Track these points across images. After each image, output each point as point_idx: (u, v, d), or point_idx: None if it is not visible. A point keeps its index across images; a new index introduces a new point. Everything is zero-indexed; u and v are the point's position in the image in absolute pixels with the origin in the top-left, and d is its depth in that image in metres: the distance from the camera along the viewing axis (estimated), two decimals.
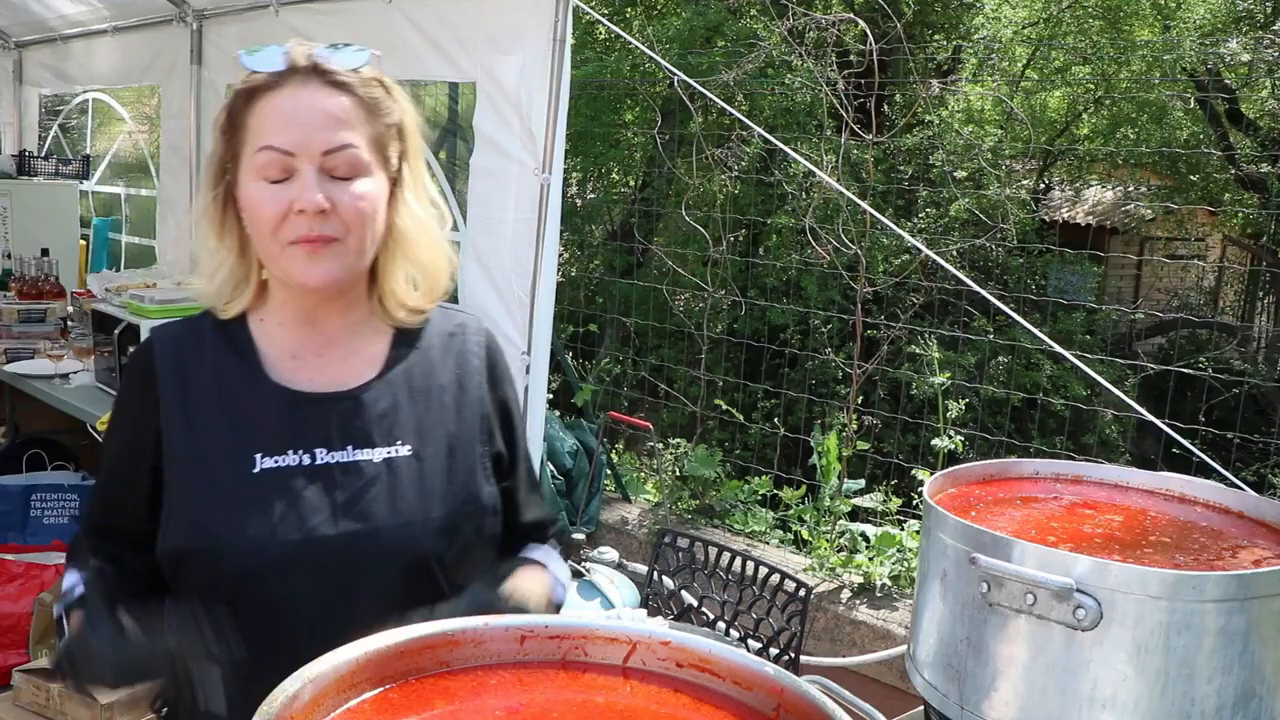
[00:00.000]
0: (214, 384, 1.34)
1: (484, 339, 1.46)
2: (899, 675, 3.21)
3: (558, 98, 3.28)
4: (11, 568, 3.52)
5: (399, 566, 1.31)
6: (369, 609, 1.26)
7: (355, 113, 1.29)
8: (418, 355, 1.40)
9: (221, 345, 1.36)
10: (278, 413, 1.33)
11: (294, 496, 1.29)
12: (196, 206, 1.39)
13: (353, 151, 1.27)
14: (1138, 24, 10.39)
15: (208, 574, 1.30)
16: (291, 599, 1.30)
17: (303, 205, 1.25)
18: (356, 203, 1.28)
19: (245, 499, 1.29)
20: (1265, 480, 6.17)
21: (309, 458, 1.31)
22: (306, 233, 1.26)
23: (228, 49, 4.77)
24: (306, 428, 1.32)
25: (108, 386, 3.83)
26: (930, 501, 1.35)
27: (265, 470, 1.30)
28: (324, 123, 1.27)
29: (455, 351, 1.42)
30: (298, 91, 1.27)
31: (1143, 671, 1.13)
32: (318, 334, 1.37)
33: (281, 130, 1.26)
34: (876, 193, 6.89)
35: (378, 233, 1.33)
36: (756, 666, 0.93)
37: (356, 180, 1.28)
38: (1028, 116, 9.91)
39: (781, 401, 6.09)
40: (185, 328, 1.41)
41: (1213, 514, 1.44)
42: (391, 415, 1.35)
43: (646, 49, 4.75)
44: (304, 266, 1.28)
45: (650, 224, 8.86)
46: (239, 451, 1.30)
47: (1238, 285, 12.01)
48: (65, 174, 5.57)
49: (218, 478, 1.30)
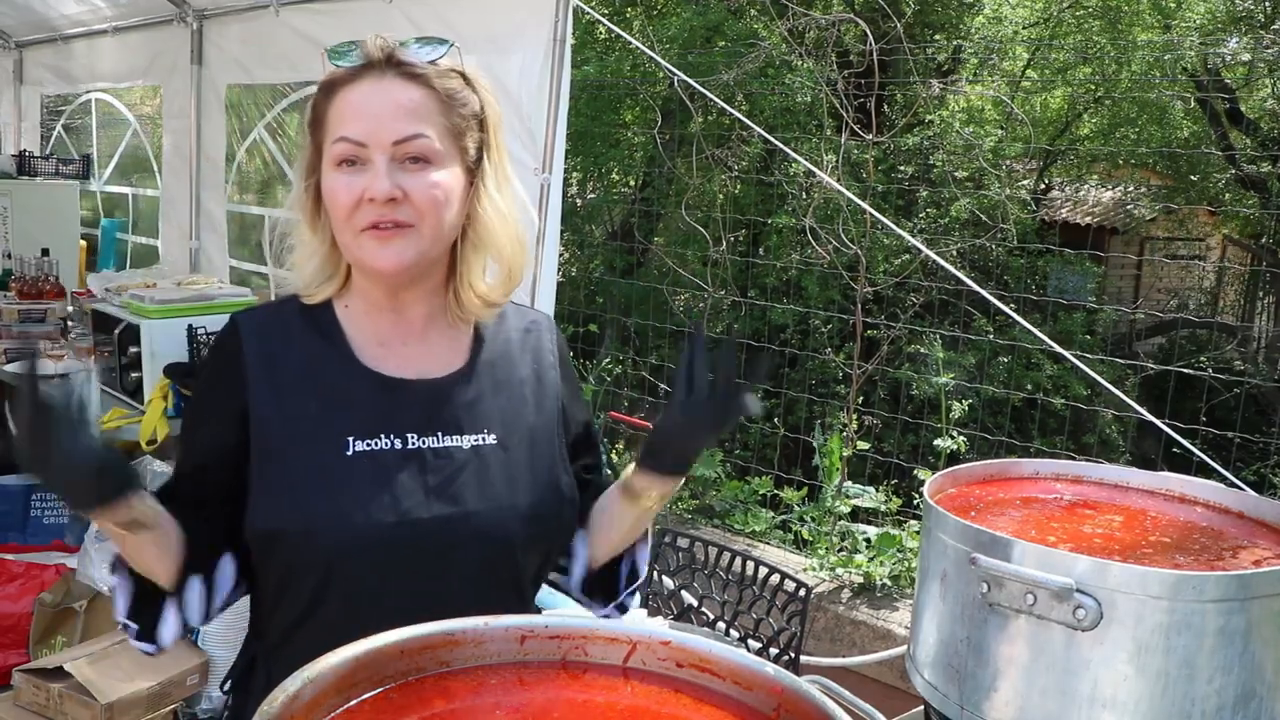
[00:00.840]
0: (303, 366, 1.37)
1: (555, 335, 1.52)
2: (899, 675, 3.21)
3: (558, 98, 3.28)
4: (12, 568, 3.52)
5: (488, 550, 1.35)
6: (458, 591, 1.31)
7: (428, 103, 1.31)
8: (499, 349, 1.44)
9: (308, 329, 1.39)
10: (369, 396, 1.36)
11: (387, 479, 1.32)
12: (290, 197, 1.43)
13: (424, 141, 1.30)
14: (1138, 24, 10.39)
15: (300, 554, 1.32)
16: (382, 581, 1.32)
17: (373, 194, 1.28)
18: (429, 190, 1.30)
19: (339, 480, 1.31)
20: (1266, 480, 6.17)
21: (400, 441, 1.34)
22: (377, 219, 1.29)
23: (228, 49, 4.77)
24: (397, 412, 1.35)
25: (108, 386, 3.83)
26: (930, 501, 1.35)
27: (359, 453, 1.32)
28: (395, 113, 1.30)
29: (532, 347, 1.47)
30: (373, 84, 1.31)
31: (1143, 672, 1.13)
32: (402, 323, 1.40)
33: (354, 121, 1.30)
34: (877, 193, 6.89)
35: (452, 222, 1.35)
36: (757, 666, 0.93)
37: (430, 169, 1.31)
38: (1028, 116, 9.92)
39: (782, 401, 6.09)
40: (270, 311, 1.44)
41: (1213, 514, 1.44)
42: (478, 405, 1.39)
43: (647, 49, 4.75)
44: (375, 251, 1.31)
45: (650, 224, 8.86)
46: (331, 433, 1.33)
47: (1238, 285, 12.01)
48: (65, 174, 5.57)
49: (311, 459, 1.32)
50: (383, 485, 1.32)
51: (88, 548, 3.44)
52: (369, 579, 1.32)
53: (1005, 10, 10.49)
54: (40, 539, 3.95)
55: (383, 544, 1.31)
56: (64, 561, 3.59)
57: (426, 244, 1.32)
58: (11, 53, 6.29)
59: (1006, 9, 10.50)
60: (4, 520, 3.98)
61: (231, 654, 3.07)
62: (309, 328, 1.39)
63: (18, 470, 1.53)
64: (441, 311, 1.42)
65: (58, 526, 4.02)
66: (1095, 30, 10.30)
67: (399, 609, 1.24)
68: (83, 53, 5.75)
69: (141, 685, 2.91)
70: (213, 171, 5.00)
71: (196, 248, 5.12)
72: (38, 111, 6.36)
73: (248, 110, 4.95)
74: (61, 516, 4.06)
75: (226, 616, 1.45)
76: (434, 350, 1.41)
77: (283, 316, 1.41)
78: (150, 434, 3.36)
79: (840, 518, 3.91)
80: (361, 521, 1.30)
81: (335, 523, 1.30)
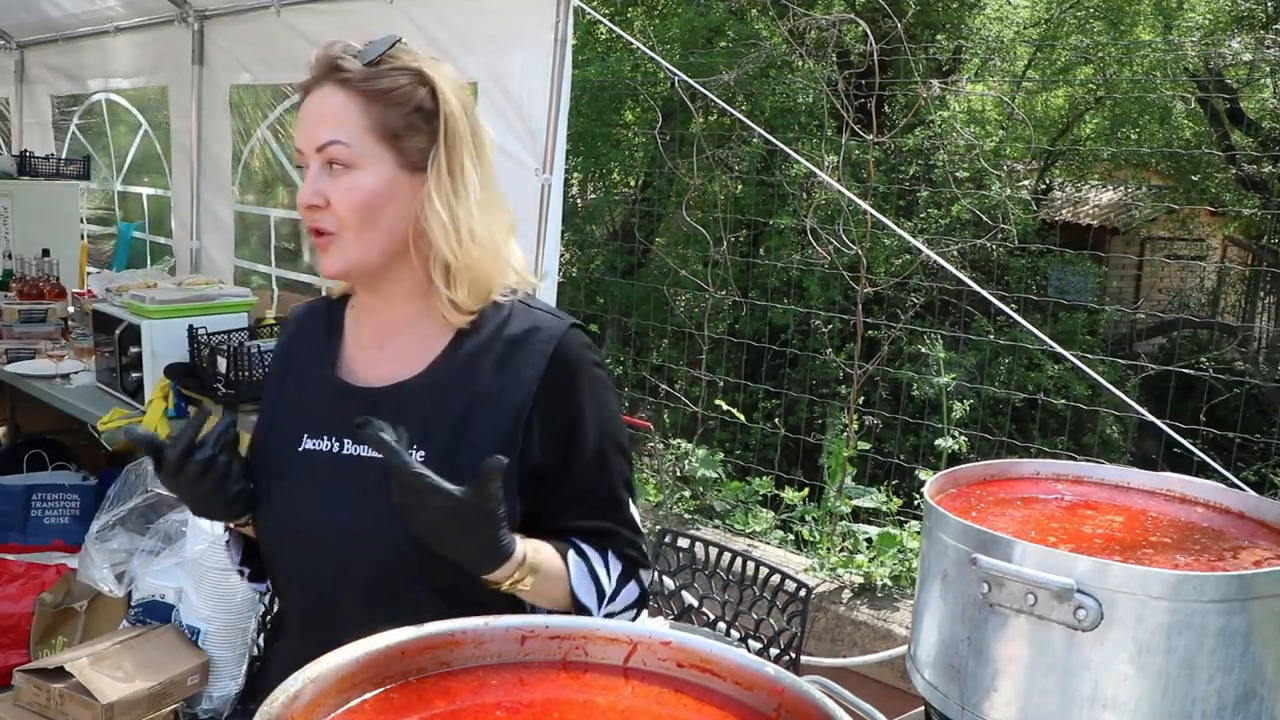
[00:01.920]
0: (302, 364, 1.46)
1: (552, 346, 1.35)
2: (899, 675, 3.20)
3: (559, 98, 3.28)
4: (12, 568, 3.53)
5: (373, 567, 1.32)
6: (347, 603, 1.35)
7: (347, 107, 1.32)
8: (465, 358, 1.36)
9: (323, 327, 1.48)
10: (327, 397, 1.41)
11: (319, 479, 1.36)
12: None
13: (337, 147, 1.31)
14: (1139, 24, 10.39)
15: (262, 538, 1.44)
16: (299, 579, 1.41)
17: (299, 201, 1.34)
18: (346, 195, 1.32)
19: (286, 476, 1.39)
20: (1266, 480, 6.16)
21: (339, 445, 1.37)
22: (310, 225, 1.35)
23: (229, 49, 4.77)
24: (344, 416, 1.35)
25: (108, 387, 3.83)
26: (931, 502, 1.34)
27: (306, 450, 1.38)
28: (317, 120, 1.33)
29: (511, 358, 1.35)
30: (313, 94, 1.35)
31: (1144, 672, 1.13)
32: (384, 324, 1.42)
33: (298, 131, 1.36)
34: (877, 193, 6.89)
35: (389, 225, 1.33)
36: (757, 667, 0.93)
37: (348, 173, 1.32)
38: (1029, 117, 9.91)
39: (783, 402, 6.09)
40: (320, 304, 1.53)
41: (1213, 514, 1.44)
42: (415, 416, 1.32)
43: (648, 49, 4.75)
44: (320, 259, 1.37)
45: (651, 224, 8.86)
46: (292, 429, 1.41)
47: (1239, 285, 12.01)
48: (66, 174, 5.57)
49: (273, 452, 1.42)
50: (315, 485, 1.36)
51: (88, 548, 3.44)
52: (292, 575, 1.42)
53: (1006, 10, 10.49)
54: (41, 539, 3.95)
55: (299, 542, 1.37)
56: (65, 561, 3.59)
57: (357, 249, 1.33)
58: (13, 53, 6.29)
59: (1008, 9, 10.50)
60: (4, 520, 3.98)
61: (232, 654, 3.07)
62: (325, 325, 1.47)
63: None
64: (418, 317, 1.39)
65: (58, 526, 4.02)
66: (1096, 30, 10.30)
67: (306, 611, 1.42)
68: (89, 53, 5.75)
69: (142, 685, 2.90)
70: (218, 171, 5.00)
71: (198, 247, 5.13)
72: (49, 112, 6.36)
73: (250, 111, 4.96)
74: (62, 517, 4.06)
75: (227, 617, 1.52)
76: (404, 354, 1.39)
77: (317, 314, 1.50)
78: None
79: (842, 518, 3.91)
80: (287, 516, 1.38)
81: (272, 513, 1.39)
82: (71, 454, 4.49)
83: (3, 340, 4.25)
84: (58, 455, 4.46)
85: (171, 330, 3.60)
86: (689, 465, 4.38)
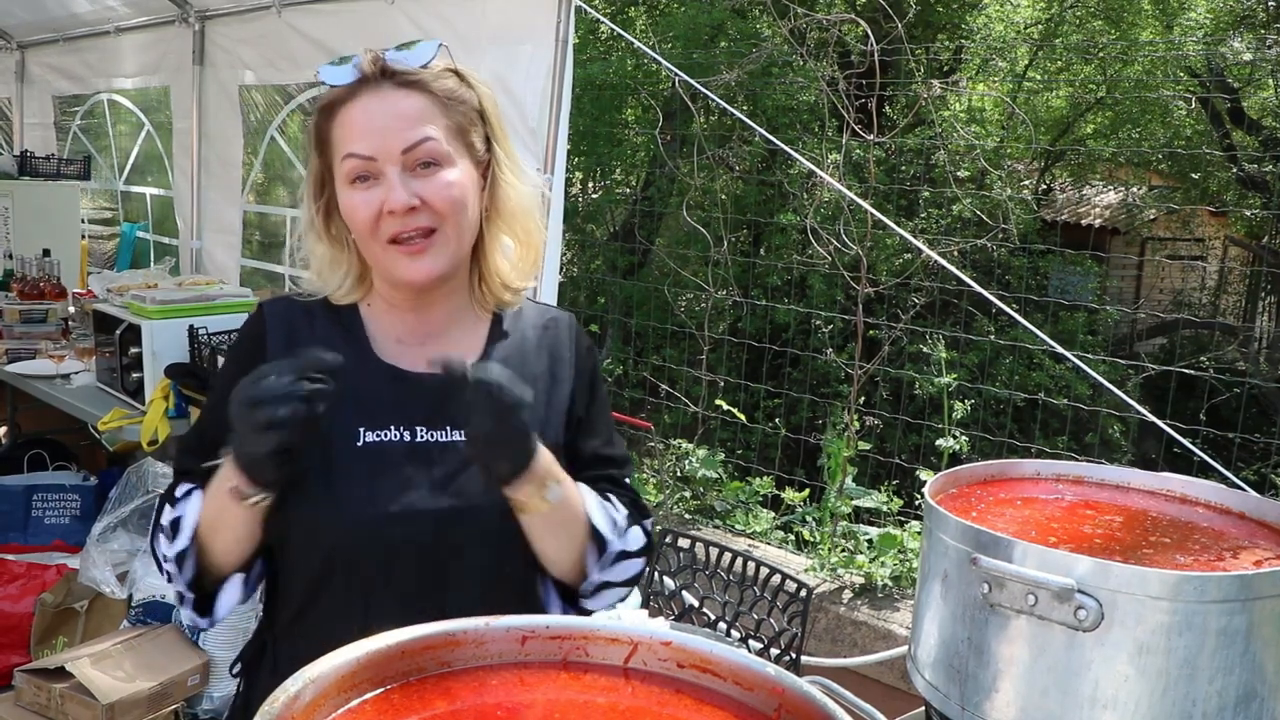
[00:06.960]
0: None
1: (574, 335, 1.51)
2: (900, 676, 3.20)
3: (560, 97, 3.28)
4: (13, 568, 3.53)
5: (490, 546, 1.35)
6: (458, 585, 1.33)
7: (429, 107, 1.33)
8: (513, 344, 1.45)
9: (330, 323, 1.43)
10: (381, 388, 1.38)
11: (393, 470, 1.34)
12: (302, 220, 1.46)
13: (431, 144, 1.32)
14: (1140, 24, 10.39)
15: (305, 541, 1.36)
16: (382, 572, 1.34)
17: (392, 206, 1.30)
18: (446, 191, 1.33)
19: (346, 470, 1.34)
20: (1266, 480, 6.16)
21: (409, 434, 1.36)
22: (399, 230, 1.32)
23: (230, 49, 4.77)
24: (407, 405, 1.37)
25: (109, 387, 3.83)
26: (931, 502, 1.35)
27: (369, 444, 1.35)
28: (398, 123, 1.32)
29: (548, 344, 1.48)
30: (371, 97, 1.33)
31: (1144, 672, 1.13)
32: (421, 322, 1.42)
33: (361, 137, 1.32)
34: (878, 193, 6.88)
35: (473, 218, 1.38)
36: (758, 667, 0.93)
37: (442, 170, 1.33)
38: (1030, 117, 9.91)
39: (784, 401, 6.09)
40: (294, 302, 1.47)
41: (1214, 514, 1.44)
42: None
43: (649, 49, 4.75)
44: (407, 265, 1.34)
45: (652, 224, 8.85)
46: (343, 423, 1.34)
47: (1240, 286, 12.00)
48: (67, 174, 5.57)
49: (324, 448, 1.34)
50: (388, 476, 1.34)
51: (90, 550, 3.44)
52: (368, 569, 1.34)
53: (1007, 10, 10.49)
54: (41, 539, 3.95)
55: (383, 535, 1.33)
56: (65, 562, 3.60)
57: (454, 246, 1.35)
58: (14, 53, 6.29)
59: (1009, 9, 10.50)
60: (5, 520, 3.98)
61: (232, 654, 3.07)
62: (331, 321, 1.43)
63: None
64: (463, 308, 1.45)
65: (59, 526, 4.02)
66: (1097, 30, 10.30)
67: (401, 602, 1.31)
68: (90, 53, 5.76)
69: (142, 685, 2.91)
70: (224, 172, 5.00)
71: (198, 247, 5.13)
72: (51, 112, 6.37)
73: (258, 111, 4.96)
74: (63, 517, 4.06)
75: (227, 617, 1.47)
76: (451, 345, 1.42)
77: (309, 309, 1.45)
78: (151, 434, 3.36)
79: (842, 518, 3.91)
80: (363, 512, 1.33)
81: (338, 512, 1.33)
82: (72, 454, 4.50)
83: (3, 340, 4.25)
84: (58, 455, 4.46)
85: (172, 330, 3.60)
86: (689, 465, 4.38)
